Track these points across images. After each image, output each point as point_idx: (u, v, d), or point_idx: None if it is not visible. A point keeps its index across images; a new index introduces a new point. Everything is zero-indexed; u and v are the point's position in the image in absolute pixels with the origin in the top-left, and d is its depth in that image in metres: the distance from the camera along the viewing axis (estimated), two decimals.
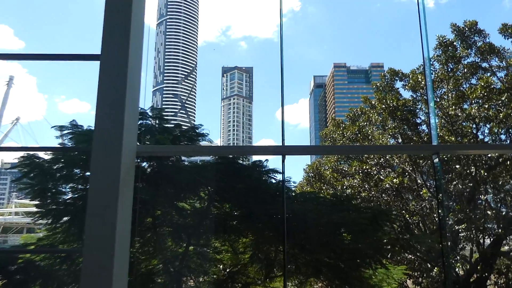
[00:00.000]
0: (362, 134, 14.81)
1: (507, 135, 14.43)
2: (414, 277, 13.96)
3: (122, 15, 3.63)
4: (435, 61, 14.69)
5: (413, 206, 14.07)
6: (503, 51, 14.49)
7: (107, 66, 3.56)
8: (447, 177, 14.29)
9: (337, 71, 32.46)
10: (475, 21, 14.50)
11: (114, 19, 3.63)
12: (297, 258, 7.53)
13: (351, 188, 14.25)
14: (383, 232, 7.96)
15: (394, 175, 14.29)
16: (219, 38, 76.79)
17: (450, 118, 14.35)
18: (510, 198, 14.16)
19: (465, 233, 13.87)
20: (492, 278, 14.02)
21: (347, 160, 15.29)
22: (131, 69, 3.66)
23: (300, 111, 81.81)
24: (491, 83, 14.16)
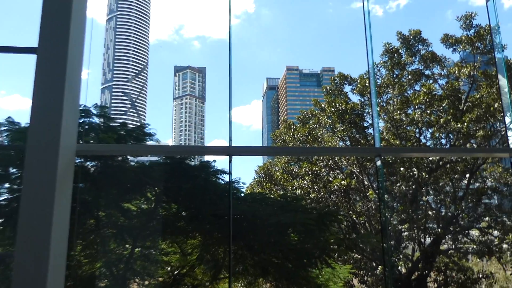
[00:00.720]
0: (312, 136, 15.09)
1: (447, 139, 15.20)
2: (360, 275, 14.38)
3: (61, 7, 3.46)
4: (382, 67, 15.25)
5: (359, 206, 14.50)
6: (444, 60, 15.27)
7: (45, 60, 3.40)
8: (392, 179, 14.84)
9: (290, 73, 32.92)
10: (419, 30, 15.18)
11: (53, 11, 3.46)
12: (245, 259, 7.53)
13: (300, 189, 14.47)
14: (330, 232, 8.10)
15: (342, 177, 14.65)
16: (172, 36, 75.57)
17: (395, 122, 14.93)
18: (449, 199, 14.89)
19: (408, 232, 14.45)
20: (432, 275, 14.65)
21: (297, 161, 15.53)
22: (71, 64, 3.50)
23: (253, 112, 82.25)
24: (433, 90, 14.87)
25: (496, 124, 14.43)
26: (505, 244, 13.85)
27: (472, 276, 14.11)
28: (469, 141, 14.57)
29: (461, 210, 14.45)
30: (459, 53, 15.25)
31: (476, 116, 14.14)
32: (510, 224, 13.88)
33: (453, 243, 14.75)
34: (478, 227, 14.55)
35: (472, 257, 15.75)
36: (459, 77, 15.06)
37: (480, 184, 15.15)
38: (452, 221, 14.60)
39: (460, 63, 15.13)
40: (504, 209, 14.42)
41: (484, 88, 14.63)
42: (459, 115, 14.44)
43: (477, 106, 14.47)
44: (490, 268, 16.75)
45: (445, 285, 14.29)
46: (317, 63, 66.11)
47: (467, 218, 14.58)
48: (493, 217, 14.29)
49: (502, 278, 17.83)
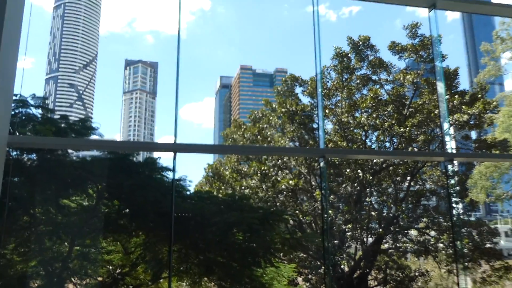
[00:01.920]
0: (262, 136, 15.20)
1: (391, 142, 15.81)
2: (304, 274, 14.64)
3: None
4: (332, 70, 15.60)
5: (306, 206, 14.76)
6: (390, 66, 15.86)
7: None
8: (338, 180, 15.23)
9: (243, 73, 32.86)
10: (368, 36, 15.67)
11: None
12: (189, 258, 7.44)
13: (249, 189, 14.52)
14: (276, 232, 8.17)
15: (290, 177, 14.85)
16: (124, 29, 73.46)
17: (343, 125, 15.33)
18: (391, 201, 15.49)
19: (352, 232, 14.88)
20: (373, 273, 15.14)
21: (246, 161, 15.57)
22: (5, 51, 3.30)
23: (205, 110, 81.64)
24: (379, 94, 15.42)
25: (435, 129, 15.18)
26: (440, 244, 14.56)
27: (410, 274, 14.74)
28: (411, 145, 15.22)
29: (401, 211, 15.07)
30: (405, 61, 15.89)
31: (418, 121, 14.83)
32: (445, 225, 14.59)
33: (393, 243, 15.33)
34: (417, 227, 15.21)
35: (410, 256, 16.46)
36: (403, 84, 15.69)
37: (420, 187, 15.87)
38: (393, 221, 15.19)
39: (405, 70, 15.76)
40: (441, 210, 15.17)
41: (426, 95, 15.37)
42: (403, 120, 15.06)
43: (419, 112, 15.17)
44: (426, 266, 17.60)
45: (384, 283, 14.84)
46: (271, 63, 66.63)
47: (407, 218, 15.21)
48: (430, 218, 14.99)
49: (437, 276, 18.79)
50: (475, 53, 54.49)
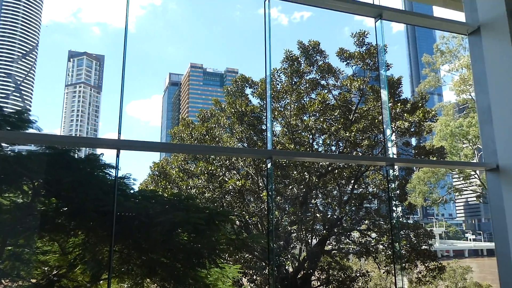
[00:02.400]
0: (210, 135, 15.06)
1: (336, 146, 16.21)
2: (249, 275, 14.65)
3: None
4: (282, 73, 15.77)
5: (253, 207, 14.79)
6: (338, 72, 16.28)
7: None
8: (285, 181, 15.40)
9: (193, 71, 32.53)
10: (318, 41, 16.00)
11: None
12: (131, 258, 7.18)
13: (195, 188, 14.34)
14: (222, 232, 8.07)
15: (238, 177, 14.83)
16: (69, 19, 70.21)
17: (291, 128, 15.54)
18: (335, 203, 15.88)
19: (297, 233, 15.09)
20: (316, 274, 15.44)
21: (194, 160, 15.37)
22: None
23: (153, 108, 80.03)
24: (327, 99, 15.78)
25: (379, 135, 15.75)
26: (380, 245, 15.09)
27: (351, 275, 15.17)
28: (356, 149, 15.70)
29: (345, 213, 15.49)
30: (352, 67, 16.38)
31: (363, 126, 15.32)
32: (385, 227, 15.15)
33: (337, 244, 15.72)
34: (359, 229, 15.68)
35: (352, 257, 16.95)
36: (350, 90, 16.16)
37: (363, 190, 16.40)
38: (336, 223, 15.58)
39: (352, 76, 16.25)
40: (382, 213, 15.74)
41: (371, 101, 15.92)
42: (349, 125, 15.50)
43: (364, 117, 15.68)
44: (367, 267, 18.23)
45: (327, 283, 15.17)
46: (222, 63, 66.40)
47: (350, 220, 15.65)
48: (372, 220, 15.51)
49: (376, 276, 19.52)
50: (417, 64, 57.32)
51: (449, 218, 41.13)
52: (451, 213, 41.31)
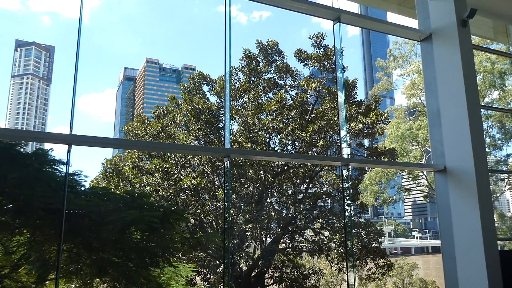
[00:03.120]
0: (166, 132, 14.78)
1: (293, 146, 16.39)
2: (203, 273, 14.54)
3: None
4: (240, 72, 15.74)
5: (208, 206, 14.68)
6: (296, 73, 16.46)
7: None
8: (241, 180, 15.39)
9: (150, 66, 31.79)
10: (276, 41, 16.10)
11: None
12: (80, 258, 6.92)
13: (149, 186, 14.04)
14: (176, 231, 7.94)
15: (194, 175, 14.66)
16: (17, 6, 66.67)
17: (248, 126, 15.55)
18: (290, 202, 16.05)
19: (252, 232, 15.13)
20: (270, 272, 15.54)
21: (148, 157, 15.04)
22: None
23: (106, 102, 77.84)
24: (284, 99, 15.92)
25: (334, 135, 16.08)
26: (333, 243, 15.41)
27: (304, 272, 15.39)
28: (311, 149, 15.94)
29: (299, 212, 15.69)
30: (309, 68, 16.61)
31: (319, 127, 15.58)
32: (338, 225, 15.49)
33: (290, 242, 15.90)
34: (312, 227, 15.94)
35: (305, 255, 17.22)
36: (307, 90, 16.38)
37: (317, 189, 16.68)
38: (291, 222, 15.76)
39: (309, 77, 16.47)
40: (335, 212, 16.07)
41: (327, 102, 16.22)
42: (305, 125, 15.72)
43: (320, 118, 15.96)
44: (319, 264, 18.58)
45: (280, 281, 15.31)
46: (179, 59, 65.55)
47: (304, 219, 15.87)
48: (325, 219, 15.81)
49: (328, 273, 19.95)
50: (371, 68, 59.12)
51: (398, 217, 42.77)
52: (400, 212, 42.99)
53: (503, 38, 12.41)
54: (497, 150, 22.57)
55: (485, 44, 16.79)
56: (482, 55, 21.62)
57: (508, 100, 21.48)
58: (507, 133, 22.44)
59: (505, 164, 22.48)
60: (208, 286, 14.24)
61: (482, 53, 21.32)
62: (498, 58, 21.16)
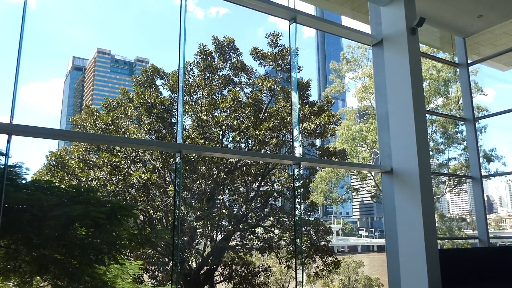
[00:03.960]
0: (116, 125, 14.33)
1: (246, 144, 16.41)
2: (151, 271, 14.27)
3: None
4: (195, 67, 15.56)
5: (158, 202, 14.41)
6: (251, 71, 16.50)
7: None
8: (193, 176, 15.23)
9: (100, 57, 30.68)
10: (232, 38, 16.04)
11: None
12: (19, 255, 6.56)
13: (97, 180, 13.57)
14: (124, 227, 7.71)
15: (144, 171, 14.34)
16: None
17: (202, 122, 15.40)
18: (241, 199, 16.07)
19: (202, 229, 15.01)
20: (219, 269, 15.51)
21: (96, 151, 14.52)
22: None
23: (52, 92, 74.44)
24: (239, 96, 15.91)
25: (287, 135, 16.26)
26: (283, 241, 15.59)
27: (254, 270, 15.47)
28: (264, 148, 16.04)
29: (250, 209, 15.75)
30: (264, 67, 16.70)
31: (272, 126, 15.71)
32: (288, 224, 15.69)
33: (241, 240, 15.94)
34: (263, 225, 16.05)
35: (255, 252, 17.32)
36: (262, 89, 16.47)
37: (269, 187, 16.81)
38: (242, 219, 15.78)
39: (264, 76, 16.57)
40: (286, 210, 16.27)
41: (281, 102, 16.38)
42: (258, 123, 15.79)
43: (274, 117, 16.09)
44: (269, 262, 18.75)
45: (230, 278, 15.32)
46: (132, 51, 63.76)
47: (255, 217, 15.95)
48: (276, 217, 15.95)
49: (277, 271, 20.19)
50: (325, 70, 60.39)
51: (346, 216, 44.02)
52: (348, 212, 44.26)
53: (449, 48, 13.06)
54: (440, 154, 23.77)
55: (432, 52, 17.60)
56: (429, 63, 22.65)
57: (451, 107, 22.66)
58: (449, 138, 23.67)
59: (446, 167, 23.70)
60: (156, 283, 14.00)
61: (429, 61, 22.34)
62: (444, 67, 22.27)
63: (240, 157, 14.15)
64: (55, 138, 7.24)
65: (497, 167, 22.93)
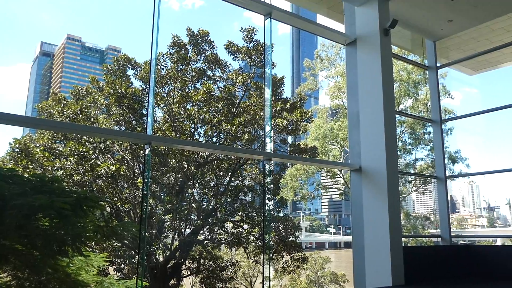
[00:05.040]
0: (85, 115, 13.96)
1: (217, 138, 16.35)
2: (117, 263, 14.06)
3: None
4: (168, 59, 15.33)
5: (126, 194, 14.17)
6: (225, 65, 16.41)
7: None
8: (162, 169, 15.05)
9: (70, 43, 29.74)
10: (207, 31, 15.89)
11: None
12: None
13: (63, 170, 13.20)
14: (89, 219, 7.53)
15: (112, 162, 14.06)
16: None
17: (173, 115, 15.22)
18: (211, 194, 16.02)
19: (171, 222, 14.88)
20: (187, 263, 15.43)
21: (63, 139, 14.11)
22: None
23: (17, 77, 71.99)
24: (212, 90, 15.80)
25: (259, 130, 16.29)
26: (251, 236, 15.65)
27: (221, 264, 15.47)
28: (236, 142, 16.02)
29: (220, 204, 15.72)
30: (239, 62, 16.64)
31: (245, 121, 15.69)
32: (258, 219, 15.75)
33: (210, 234, 15.90)
34: (232, 220, 16.06)
35: (224, 247, 17.32)
36: (235, 83, 16.42)
37: (239, 182, 16.82)
38: (211, 213, 15.74)
39: (238, 71, 16.51)
40: (255, 205, 16.32)
41: (254, 97, 16.38)
42: (231, 118, 15.74)
43: (247, 112, 16.07)
44: (237, 257, 18.80)
45: (197, 272, 15.27)
46: (103, 39, 62.35)
47: (224, 211, 15.94)
48: (245, 212, 15.99)
49: (245, 265, 20.26)
50: (299, 67, 60.78)
51: (314, 213, 44.56)
52: (316, 208, 44.82)
53: (419, 51, 13.36)
54: (407, 154, 24.37)
55: (403, 54, 17.97)
56: (400, 65, 23.14)
57: (420, 109, 23.25)
58: (417, 139, 24.30)
59: (413, 167, 24.33)
60: (121, 276, 13.79)
61: (400, 63, 22.81)
62: (414, 69, 22.79)
63: (211, 151, 14.08)
64: (19, 125, 7.01)
65: (461, 169, 23.75)
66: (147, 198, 11.03)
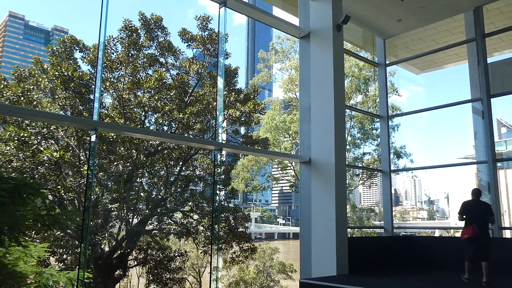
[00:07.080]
0: (27, 97, 13.20)
1: (169, 127, 16.04)
2: (59, 254, 13.53)
3: None
4: (119, 43, 14.80)
5: (70, 182, 13.62)
6: (179, 52, 16.08)
7: None
8: (110, 157, 14.59)
9: (12, 21, 28.06)
10: (161, 17, 15.48)
11: None
12: None
13: (1, 155, 12.45)
14: (29, 207, 7.18)
15: (56, 148, 13.43)
16: None
17: (123, 101, 14.76)
18: (161, 183, 15.74)
19: (118, 212, 14.49)
20: (134, 253, 15.12)
21: (2, 123, 13.29)
22: None
23: None
24: (164, 78, 15.45)
25: (211, 120, 16.16)
26: (201, 227, 15.58)
27: (170, 254, 15.29)
28: (188, 132, 15.80)
29: (170, 194, 15.49)
30: (193, 50, 16.38)
31: (197, 110, 15.50)
32: (208, 209, 15.69)
33: (158, 224, 15.65)
34: (182, 210, 15.90)
35: (173, 237, 17.13)
36: (188, 72, 16.15)
37: (190, 172, 16.64)
38: (160, 203, 15.47)
39: (192, 59, 16.25)
40: (206, 196, 16.24)
41: (208, 86, 16.20)
42: (183, 107, 15.48)
43: (199, 101, 15.88)
44: (186, 247, 18.67)
45: (144, 262, 15.01)
46: (49, 19, 59.37)
47: (174, 201, 15.73)
48: (195, 202, 15.87)
49: (194, 256, 20.19)
50: (253, 58, 60.82)
51: (265, 204, 45.09)
52: (267, 200, 45.36)
53: (370, 48, 13.75)
54: (356, 148, 25.13)
55: (355, 51, 18.42)
56: (352, 61, 23.72)
57: (369, 104, 23.99)
58: (366, 134, 25.08)
59: (361, 161, 25.12)
60: (63, 267, 13.28)
61: (352, 59, 23.38)
62: (365, 65, 23.44)
63: (161, 139, 13.79)
64: None
65: (405, 163, 24.81)
66: (92, 186, 10.64)
